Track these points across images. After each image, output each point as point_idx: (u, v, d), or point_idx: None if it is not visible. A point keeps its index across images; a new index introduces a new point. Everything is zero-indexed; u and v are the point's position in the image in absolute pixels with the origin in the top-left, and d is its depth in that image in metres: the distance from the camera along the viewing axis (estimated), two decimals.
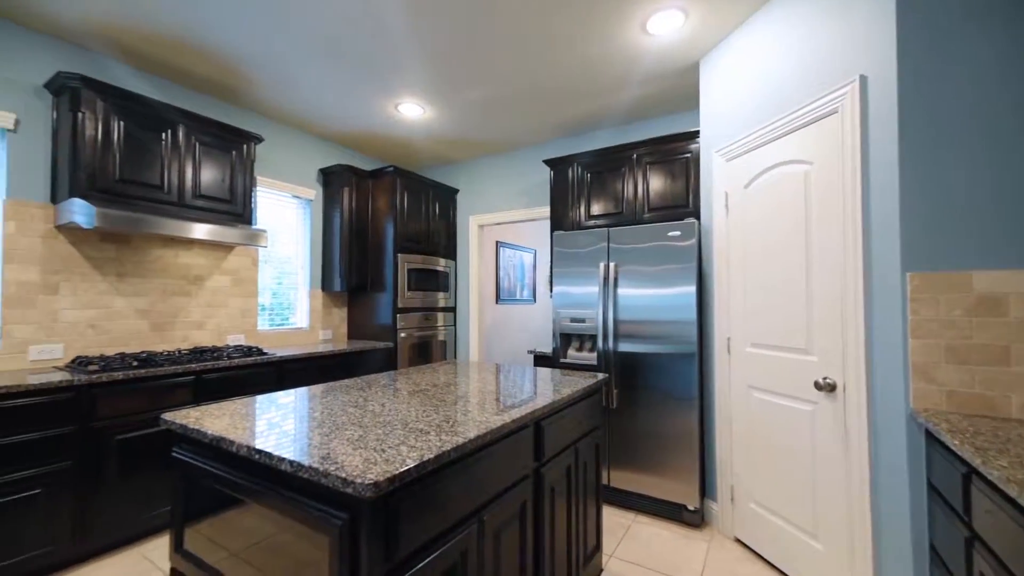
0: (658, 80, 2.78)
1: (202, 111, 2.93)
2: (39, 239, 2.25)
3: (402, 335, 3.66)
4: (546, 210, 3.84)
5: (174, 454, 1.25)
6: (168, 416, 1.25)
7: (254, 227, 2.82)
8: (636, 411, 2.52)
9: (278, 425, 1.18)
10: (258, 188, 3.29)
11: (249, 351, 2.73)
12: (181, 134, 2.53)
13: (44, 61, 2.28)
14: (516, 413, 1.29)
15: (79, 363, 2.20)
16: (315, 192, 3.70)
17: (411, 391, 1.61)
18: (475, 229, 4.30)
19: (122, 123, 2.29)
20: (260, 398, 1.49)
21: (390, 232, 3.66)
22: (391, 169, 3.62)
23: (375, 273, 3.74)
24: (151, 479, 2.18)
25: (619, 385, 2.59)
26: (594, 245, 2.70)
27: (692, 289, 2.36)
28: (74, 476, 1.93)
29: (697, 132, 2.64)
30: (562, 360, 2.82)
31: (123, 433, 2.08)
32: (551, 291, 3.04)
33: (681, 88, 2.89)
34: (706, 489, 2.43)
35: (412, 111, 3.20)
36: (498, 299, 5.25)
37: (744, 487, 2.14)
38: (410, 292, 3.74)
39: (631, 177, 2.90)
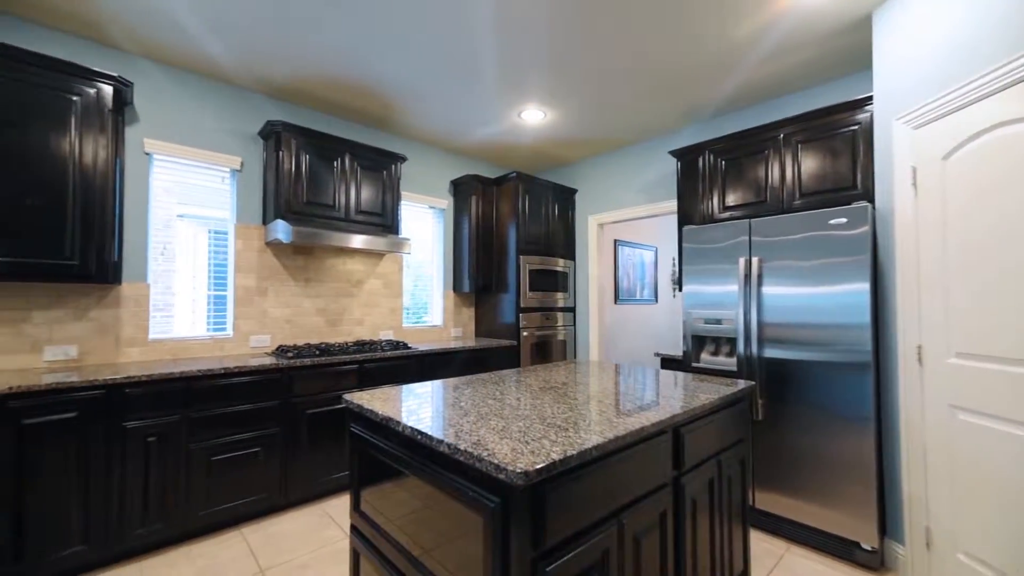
0: (806, 47, 2.41)
1: (359, 139, 3.45)
2: (255, 253, 2.90)
3: (524, 334, 3.80)
4: (672, 204, 3.61)
5: (351, 429, 1.49)
6: (347, 397, 1.50)
7: (400, 236, 3.22)
8: (787, 426, 2.21)
9: (431, 410, 1.33)
10: (401, 201, 3.74)
11: (397, 345, 3.12)
12: (347, 161, 3.01)
13: (258, 113, 2.94)
14: (654, 416, 1.24)
15: (280, 351, 2.78)
16: (447, 202, 4.06)
17: (542, 387, 1.67)
18: (594, 228, 4.25)
19: (307, 156, 2.83)
20: (412, 386, 1.69)
21: (512, 235, 3.83)
22: (513, 175, 3.79)
23: (499, 274, 3.95)
24: (330, 448, 2.64)
25: (765, 395, 2.30)
26: (732, 239, 2.45)
27: (864, 286, 1.98)
28: (279, 440, 2.44)
29: (866, 99, 2.21)
30: (694, 364, 2.62)
31: (311, 408, 2.56)
32: (677, 290, 2.84)
33: (838, 52, 2.45)
34: (887, 527, 2.01)
35: (534, 116, 3.30)
36: (617, 299, 5.10)
37: (946, 531, 1.72)
38: (531, 292, 3.86)
39: (776, 160, 2.55)
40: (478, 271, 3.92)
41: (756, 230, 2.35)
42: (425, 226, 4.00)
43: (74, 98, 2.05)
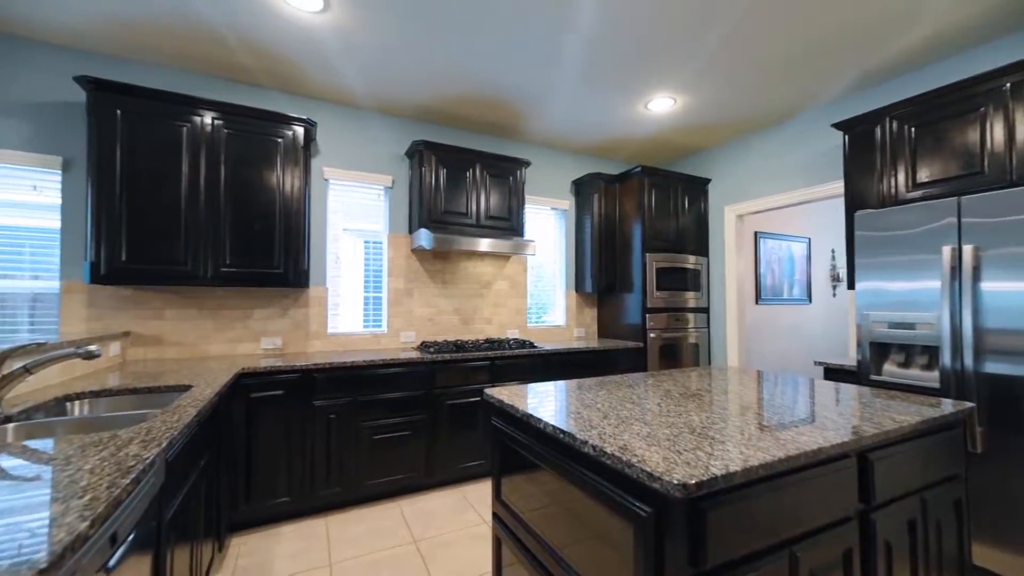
0: None
1: (487, 148, 3.67)
2: (404, 259, 3.30)
3: (651, 335, 3.60)
4: (831, 187, 3.06)
5: (492, 423, 1.58)
6: (488, 391, 1.60)
7: (524, 238, 3.33)
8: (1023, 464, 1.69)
9: (569, 410, 1.34)
10: (525, 204, 3.86)
11: (523, 344, 3.23)
12: (477, 170, 3.23)
13: (404, 134, 3.34)
14: (832, 436, 1.06)
15: (424, 346, 3.10)
16: (569, 202, 4.07)
17: (682, 394, 1.56)
18: (731, 220, 3.83)
19: (444, 170, 3.11)
20: (544, 385, 1.72)
21: (638, 232, 3.66)
22: (638, 169, 3.62)
23: (623, 274, 3.81)
24: (466, 437, 2.86)
25: (986, 421, 1.80)
26: (929, 223, 1.97)
27: None
28: (425, 426, 2.73)
29: None
30: (873, 377, 2.17)
31: (450, 399, 2.81)
32: (845, 286, 2.40)
33: None
34: None
35: (662, 105, 3.11)
36: (759, 298, 4.52)
37: None
38: (658, 292, 3.64)
39: (999, 119, 1.98)
40: (601, 270, 3.85)
41: (968, 210, 1.85)
42: (547, 227, 4.07)
43: (279, 140, 2.59)
